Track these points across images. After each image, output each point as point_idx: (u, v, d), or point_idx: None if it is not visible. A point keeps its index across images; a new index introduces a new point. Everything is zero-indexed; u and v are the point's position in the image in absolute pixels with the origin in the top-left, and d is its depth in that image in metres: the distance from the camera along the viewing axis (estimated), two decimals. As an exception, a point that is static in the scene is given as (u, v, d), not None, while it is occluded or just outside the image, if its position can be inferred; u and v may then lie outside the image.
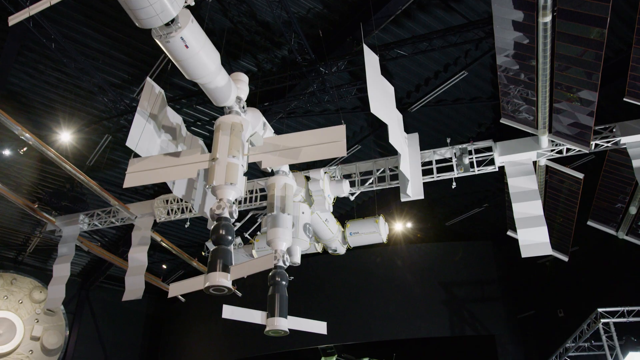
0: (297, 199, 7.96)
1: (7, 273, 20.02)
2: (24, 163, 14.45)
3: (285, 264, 6.94)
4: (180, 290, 5.93)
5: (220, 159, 6.09)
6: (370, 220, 9.35)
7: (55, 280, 11.70)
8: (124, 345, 22.39)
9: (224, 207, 5.82)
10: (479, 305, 15.69)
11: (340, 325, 16.00)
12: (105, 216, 11.91)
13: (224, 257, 5.60)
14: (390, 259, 16.57)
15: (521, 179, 8.33)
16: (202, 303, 19.69)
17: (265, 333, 6.69)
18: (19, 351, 19.26)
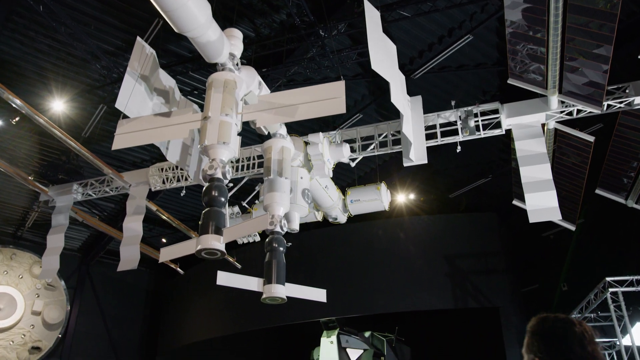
0: (296, 164, 7.65)
1: (6, 248, 19.89)
2: (17, 135, 14.15)
3: (283, 230, 6.66)
4: (171, 255, 5.65)
5: (213, 117, 5.76)
6: (371, 187, 9.03)
7: (49, 251, 11.48)
8: (126, 319, 22.37)
9: (216, 167, 5.50)
10: (483, 278, 15.47)
11: (342, 299, 15.83)
12: (99, 185, 11.62)
13: (217, 219, 5.30)
14: (392, 232, 16.31)
15: (529, 142, 7.97)
16: (202, 277, 19.56)
17: (262, 301, 6.45)
18: (20, 326, 19.22)
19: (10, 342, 18.93)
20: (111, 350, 21.61)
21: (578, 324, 2.43)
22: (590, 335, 2.39)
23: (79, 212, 12.69)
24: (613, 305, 10.90)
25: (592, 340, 2.38)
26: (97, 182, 11.69)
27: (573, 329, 2.39)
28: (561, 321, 2.46)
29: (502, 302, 15.32)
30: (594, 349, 2.35)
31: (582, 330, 2.39)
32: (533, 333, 2.49)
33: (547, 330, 2.44)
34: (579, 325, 2.42)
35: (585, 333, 2.38)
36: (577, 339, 2.35)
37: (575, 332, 2.37)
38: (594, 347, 2.35)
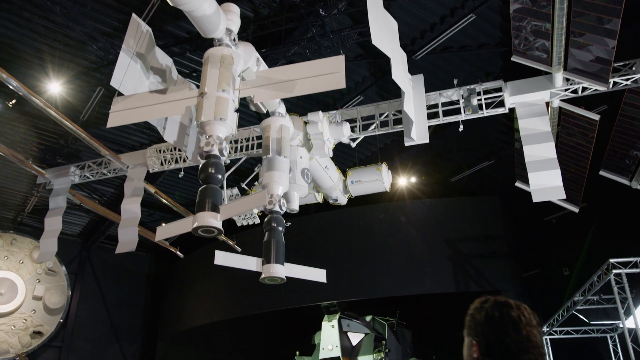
0: (295, 143, 7.52)
1: (6, 233, 19.84)
2: (14, 118, 14.01)
3: (282, 209, 6.55)
4: (167, 234, 5.54)
5: (209, 93, 5.62)
6: (372, 168, 8.90)
7: (47, 234, 11.39)
8: (127, 304, 22.40)
9: (212, 143, 5.38)
10: (485, 261, 15.39)
11: (343, 283, 15.77)
12: (96, 167, 11.50)
13: (213, 196, 5.19)
14: (393, 215, 16.21)
15: (533, 120, 7.82)
16: (203, 261, 19.53)
17: (261, 280, 6.35)
18: (21, 310, 19.23)
19: (11, 327, 18.95)
20: (112, 335, 21.66)
21: (516, 307, 2.43)
22: (527, 319, 2.39)
23: (76, 194, 12.60)
24: (617, 287, 10.81)
25: (528, 323, 2.38)
26: (95, 164, 11.57)
27: (509, 312, 2.39)
28: (498, 304, 2.45)
29: (503, 285, 15.26)
30: (529, 331, 2.34)
31: (518, 313, 2.39)
32: (472, 316, 2.50)
33: (484, 314, 2.45)
34: (516, 308, 2.42)
35: (522, 316, 2.38)
36: (512, 322, 2.35)
37: (510, 316, 2.37)
38: (529, 330, 2.35)
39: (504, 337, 2.32)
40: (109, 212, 13.86)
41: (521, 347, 2.30)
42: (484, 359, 2.37)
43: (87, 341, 20.93)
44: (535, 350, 2.31)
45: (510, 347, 2.30)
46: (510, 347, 2.30)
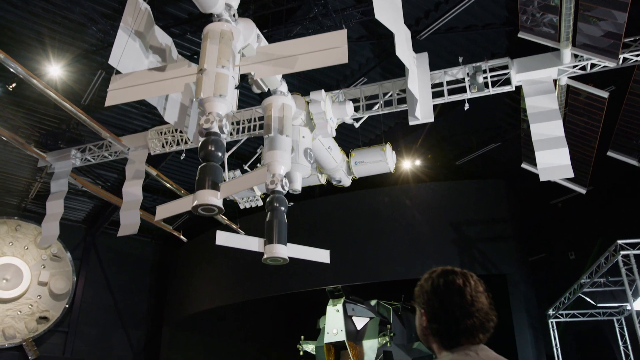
0: (297, 123, 7.40)
1: (11, 219, 19.86)
2: (15, 103, 13.91)
3: (284, 189, 6.45)
4: (167, 213, 5.47)
5: (209, 69, 5.51)
6: (376, 148, 8.77)
7: (49, 218, 11.35)
8: (132, 290, 22.46)
9: (212, 120, 5.28)
10: (490, 245, 15.27)
11: (347, 266, 15.71)
12: (97, 150, 11.41)
13: (213, 174, 5.09)
14: (398, 199, 16.08)
15: (540, 98, 7.65)
16: (207, 246, 19.52)
17: (263, 261, 6.27)
18: (27, 296, 19.31)
19: (18, 312, 19.04)
20: (118, 320, 21.75)
21: (461, 274, 2.46)
22: (472, 285, 2.42)
23: (78, 178, 12.53)
24: (624, 268, 10.68)
25: (474, 289, 2.41)
26: (96, 147, 11.48)
27: (454, 279, 2.43)
28: (444, 273, 2.50)
29: (509, 269, 15.16)
30: (475, 297, 2.37)
31: (463, 280, 2.43)
32: (420, 287, 2.55)
33: (430, 283, 2.50)
34: (461, 276, 2.45)
35: (467, 282, 2.41)
36: (457, 288, 2.38)
37: (455, 283, 2.41)
38: (474, 295, 2.38)
39: (447, 302, 2.35)
40: (111, 196, 13.80)
41: (465, 311, 2.32)
42: (430, 326, 2.41)
43: (93, 326, 21.02)
44: (481, 314, 2.34)
45: (454, 311, 2.33)
46: (454, 312, 2.33)
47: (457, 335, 2.34)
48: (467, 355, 2.28)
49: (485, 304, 2.41)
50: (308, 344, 16.28)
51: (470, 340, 2.35)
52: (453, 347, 2.36)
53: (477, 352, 2.30)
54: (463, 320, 2.32)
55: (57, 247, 20.37)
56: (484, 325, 2.37)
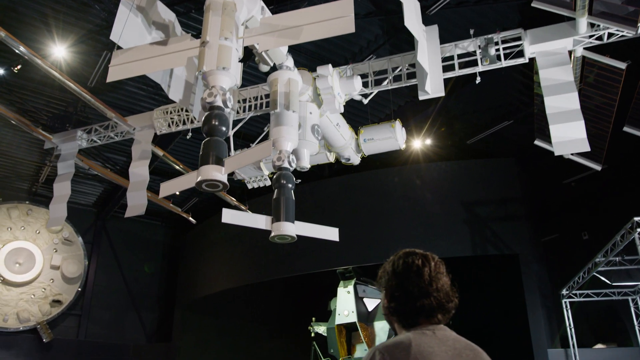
0: (304, 99, 7.22)
1: (22, 204, 19.96)
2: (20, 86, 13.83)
3: (291, 166, 6.30)
4: (171, 189, 5.35)
5: (211, 41, 5.34)
6: (385, 125, 8.59)
7: (56, 199, 11.32)
8: (143, 273, 22.58)
9: (215, 94, 5.12)
10: (502, 224, 15.06)
11: (358, 248, 15.61)
12: (103, 131, 11.33)
13: (217, 149, 4.95)
14: (408, 179, 15.88)
15: (555, 70, 7.39)
16: (217, 229, 19.50)
17: (271, 239, 6.15)
18: (40, 280, 19.46)
19: (31, 296, 19.21)
20: (130, 303, 21.90)
21: (421, 256, 2.53)
22: (432, 266, 2.48)
23: (85, 160, 12.49)
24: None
25: (433, 270, 2.47)
26: (102, 127, 11.39)
27: (413, 260, 2.49)
28: (405, 254, 2.56)
29: (521, 249, 14.95)
30: (433, 277, 2.43)
31: (423, 261, 2.49)
32: (383, 268, 2.60)
33: (391, 264, 2.55)
34: (421, 257, 2.52)
35: (426, 263, 2.47)
36: (415, 269, 2.44)
37: (414, 263, 2.47)
38: (433, 276, 2.43)
39: (405, 282, 2.41)
40: (118, 178, 13.76)
41: (422, 291, 2.37)
42: (389, 305, 2.48)
43: (106, 309, 21.19)
44: (439, 295, 2.38)
45: (411, 291, 2.38)
46: (411, 292, 2.38)
47: (415, 314, 2.38)
48: (423, 334, 2.30)
49: (446, 285, 2.46)
50: (319, 325, 16.28)
51: (429, 320, 2.38)
52: (412, 326, 2.38)
53: (435, 331, 2.32)
54: (420, 300, 2.36)
55: (68, 231, 20.48)
56: (443, 305, 2.40)
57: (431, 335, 2.29)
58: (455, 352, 2.27)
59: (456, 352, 2.28)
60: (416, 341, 2.23)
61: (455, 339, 2.35)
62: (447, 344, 2.29)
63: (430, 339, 2.27)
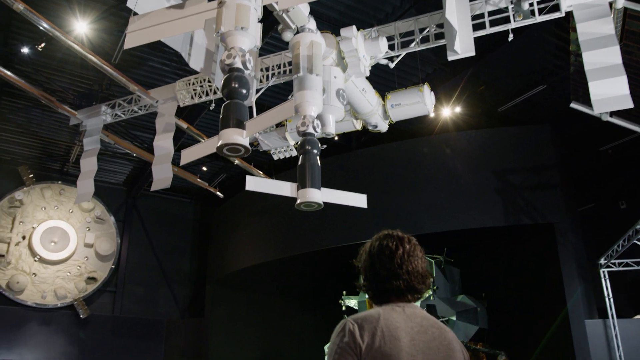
0: (328, 62, 6.96)
1: (55, 184, 20.31)
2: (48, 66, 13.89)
3: (316, 131, 6.09)
4: (192, 156, 5.21)
5: (228, 1, 5.12)
6: (413, 89, 8.28)
7: (84, 175, 11.40)
8: (175, 249, 22.87)
9: (234, 55, 4.92)
10: (536, 193, 14.58)
11: (387, 220, 15.36)
12: (127, 105, 11.28)
13: (238, 112, 4.77)
14: (438, 148, 15.47)
15: (594, 24, 6.92)
16: (246, 204, 19.53)
17: (297, 207, 5.98)
18: (74, 258, 19.88)
19: (67, 273, 19.65)
20: (163, 279, 22.23)
21: (397, 238, 2.65)
22: (406, 249, 2.59)
23: (110, 135, 12.52)
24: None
25: (407, 253, 2.57)
26: (125, 101, 11.36)
27: (388, 243, 2.62)
28: (382, 237, 2.70)
29: (556, 218, 14.46)
30: (405, 260, 2.55)
31: (397, 243, 2.61)
32: (363, 247, 2.77)
33: (369, 245, 2.72)
34: (397, 239, 2.64)
35: (400, 246, 2.59)
36: (388, 252, 2.58)
37: (388, 246, 2.60)
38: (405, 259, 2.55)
39: (377, 264, 2.58)
40: (143, 152, 13.79)
41: (392, 273, 2.52)
42: (363, 284, 2.68)
43: (139, 285, 21.57)
44: (409, 277, 2.52)
45: (381, 273, 2.55)
46: (381, 273, 2.55)
47: (386, 293, 2.55)
48: (393, 310, 2.45)
49: (418, 267, 2.57)
50: (350, 298, 16.22)
51: (400, 298, 2.54)
52: (384, 302, 2.55)
53: (404, 308, 2.47)
54: (389, 281, 2.52)
55: (100, 209, 20.82)
56: (413, 287, 2.54)
57: (400, 312, 2.44)
58: (422, 329, 2.40)
59: (422, 328, 2.41)
60: (385, 316, 2.39)
61: (423, 317, 2.48)
62: (414, 321, 2.43)
63: (399, 315, 2.41)
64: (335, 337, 2.39)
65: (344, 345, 2.30)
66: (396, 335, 2.31)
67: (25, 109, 16.41)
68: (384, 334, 2.30)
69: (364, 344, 2.27)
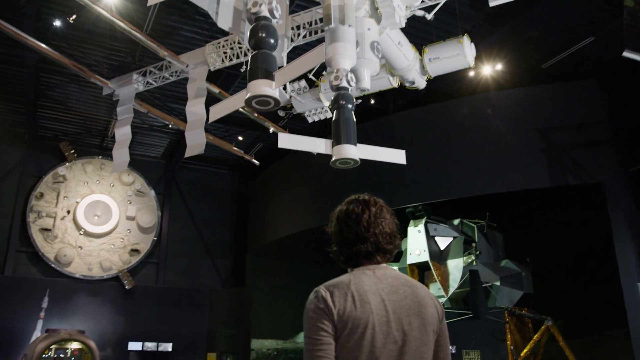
0: (361, 14, 6.59)
1: (95, 159, 20.69)
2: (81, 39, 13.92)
3: (350, 85, 5.77)
4: (221, 112, 5.00)
5: (253, -53, 4.83)
6: (452, 41, 7.84)
7: (118, 145, 11.42)
8: (214, 221, 23.10)
9: (261, 3, 4.65)
10: (583, 152, 13.88)
11: (427, 184, 15.02)
12: (157, 72, 11.18)
13: (266, 62, 4.52)
14: (478, 108, 14.87)
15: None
16: (284, 173, 19.45)
17: (332, 164, 5.72)
18: (118, 230, 20.31)
19: (111, 246, 20.11)
20: (204, 250, 22.53)
21: (363, 203, 2.66)
22: (372, 212, 2.61)
23: (143, 103, 12.51)
24: None
25: (374, 215, 2.61)
26: (156, 68, 11.26)
27: (354, 207, 2.65)
28: (350, 201, 2.73)
29: (606, 177, 13.75)
30: (372, 223, 2.58)
31: (363, 208, 2.63)
32: (333, 212, 2.79)
33: (338, 210, 2.75)
34: (362, 204, 2.66)
35: (366, 210, 2.62)
36: (354, 217, 2.61)
37: (354, 211, 2.64)
38: (372, 222, 2.58)
39: (344, 228, 2.63)
40: (179, 121, 13.74)
41: (359, 237, 2.57)
42: (332, 248, 2.74)
43: (181, 257, 21.94)
44: (377, 239, 2.57)
45: (347, 237, 2.61)
46: (347, 238, 2.61)
47: (355, 257, 2.60)
48: (364, 273, 2.50)
49: (386, 228, 2.61)
50: (391, 265, 16.01)
51: (370, 260, 2.59)
52: (355, 266, 2.61)
53: (375, 271, 2.52)
54: (356, 245, 2.57)
55: (140, 183, 21.13)
56: (381, 248, 2.58)
57: (371, 275, 2.49)
58: (392, 289, 2.45)
59: (393, 288, 2.46)
60: (355, 280, 2.45)
61: (394, 277, 2.53)
62: (384, 282, 2.47)
63: (369, 278, 2.47)
64: (309, 303, 2.45)
65: (318, 311, 2.36)
66: (366, 298, 2.36)
67: (63, 84, 16.59)
68: (354, 299, 2.35)
69: (336, 309, 2.33)
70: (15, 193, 19.43)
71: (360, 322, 2.30)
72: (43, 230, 19.13)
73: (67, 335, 12.62)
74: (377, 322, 2.32)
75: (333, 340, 2.32)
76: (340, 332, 2.31)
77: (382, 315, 2.34)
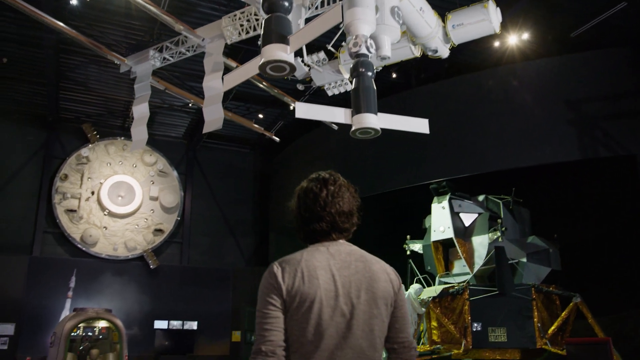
0: (380, -22, 6.29)
1: (117, 140, 20.79)
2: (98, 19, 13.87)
3: (370, 52, 5.52)
4: (236, 80, 4.82)
5: None
6: (477, 6, 7.49)
7: (137, 122, 11.34)
8: (237, 200, 23.13)
9: (274, -37, 4.42)
10: (615, 123, 13.35)
11: (450, 159, 14.68)
12: (174, 47, 11.02)
13: (280, 25, 4.30)
14: (504, 80, 14.39)
15: None
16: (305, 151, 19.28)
17: (352, 134, 5.51)
18: (141, 211, 20.48)
19: (135, 226, 20.29)
20: (227, 230, 22.60)
21: (322, 181, 2.69)
22: (330, 191, 2.64)
23: (160, 80, 12.39)
24: None
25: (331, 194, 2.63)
26: (172, 44, 11.11)
27: (312, 186, 2.67)
28: (309, 180, 2.76)
29: (639, 149, 13.27)
30: (329, 202, 2.61)
31: (321, 186, 2.65)
32: (295, 190, 2.81)
33: (299, 188, 2.76)
34: (321, 182, 2.68)
35: (324, 188, 2.64)
36: (312, 195, 2.64)
37: (312, 190, 2.66)
38: (329, 200, 2.61)
39: (302, 207, 2.66)
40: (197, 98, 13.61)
41: (315, 215, 2.60)
42: (293, 225, 2.77)
43: (205, 236, 22.05)
44: (334, 217, 2.60)
45: (304, 215, 2.64)
46: (304, 216, 2.64)
47: (313, 234, 2.63)
48: (317, 250, 2.54)
49: (343, 207, 2.64)
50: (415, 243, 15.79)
51: (325, 238, 2.62)
52: (312, 243, 2.64)
53: (329, 247, 2.56)
54: (313, 223, 2.60)
55: (162, 163, 21.21)
56: (337, 226, 2.61)
57: (324, 251, 2.53)
58: (344, 264, 2.51)
59: (345, 264, 2.51)
60: (306, 257, 2.48)
61: (348, 253, 2.58)
62: (337, 258, 2.52)
63: (322, 255, 2.51)
64: (262, 279, 2.51)
65: (269, 286, 2.44)
66: (315, 274, 2.41)
67: (83, 65, 16.60)
68: (303, 275, 2.41)
69: (285, 284, 2.40)
70: (40, 175, 19.69)
71: (308, 296, 2.37)
72: (68, 211, 19.38)
73: (94, 314, 12.71)
74: (325, 296, 2.38)
75: (282, 313, 2.40)
76: (289, 305, 2.39)
77: (330, 290, 2.41)
